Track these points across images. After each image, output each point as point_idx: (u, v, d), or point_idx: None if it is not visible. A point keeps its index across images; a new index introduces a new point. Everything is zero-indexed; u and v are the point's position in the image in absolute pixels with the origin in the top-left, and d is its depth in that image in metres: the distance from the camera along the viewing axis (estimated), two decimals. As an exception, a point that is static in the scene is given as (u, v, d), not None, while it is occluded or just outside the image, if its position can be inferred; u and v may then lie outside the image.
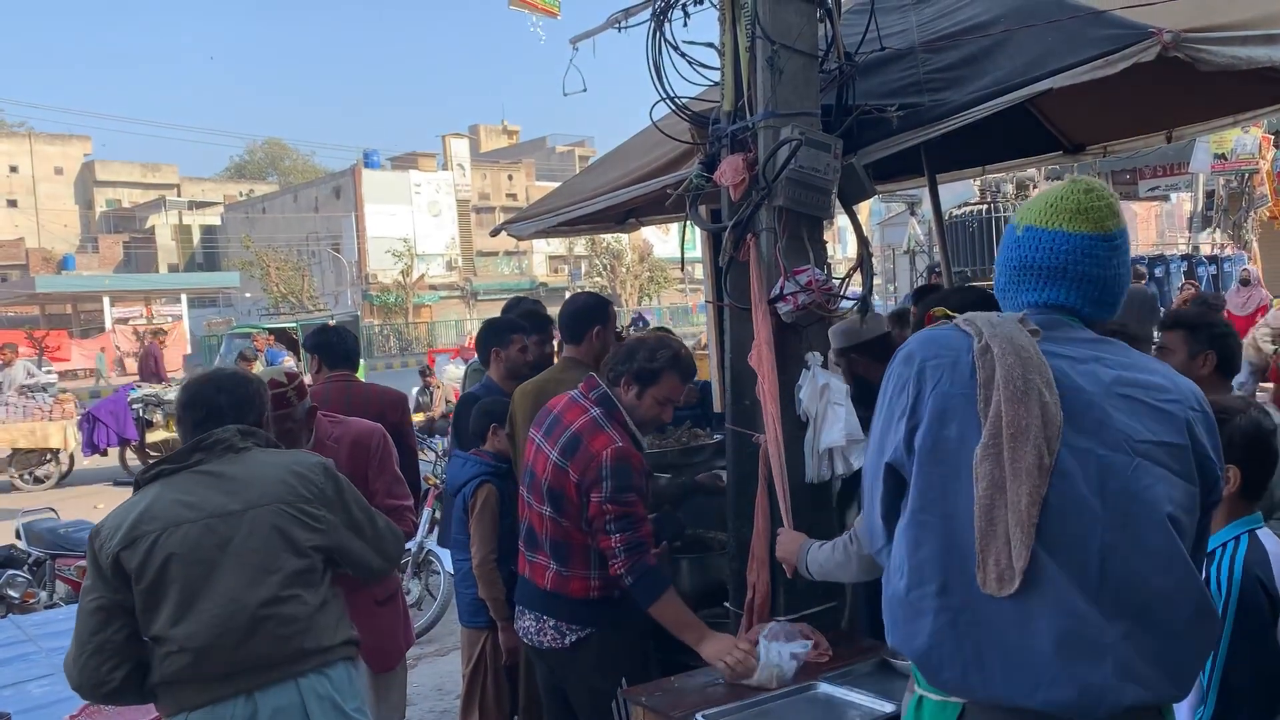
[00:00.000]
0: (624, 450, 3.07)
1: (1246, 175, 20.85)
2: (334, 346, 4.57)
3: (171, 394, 14.60)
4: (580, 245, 52.61)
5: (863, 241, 3.57)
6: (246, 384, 2.71)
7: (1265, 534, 2.36)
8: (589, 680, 3.14)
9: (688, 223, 3.71)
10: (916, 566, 1.74)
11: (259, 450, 2.59)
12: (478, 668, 4.18)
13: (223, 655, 2.40)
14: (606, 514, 3.01)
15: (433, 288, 51.15)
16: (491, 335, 4.59)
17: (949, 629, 1.69)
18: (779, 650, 2.84)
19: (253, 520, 2.45)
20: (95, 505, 11.01)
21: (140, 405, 14.06)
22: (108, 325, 40.01)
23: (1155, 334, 3.74)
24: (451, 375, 17.70)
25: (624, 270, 50.91)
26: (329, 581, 2.60)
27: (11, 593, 5.80)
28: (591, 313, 4.02)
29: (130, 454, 14.37)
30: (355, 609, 2.95)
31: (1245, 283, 12.67)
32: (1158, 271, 18.58)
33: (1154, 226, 36.14)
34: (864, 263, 3.52)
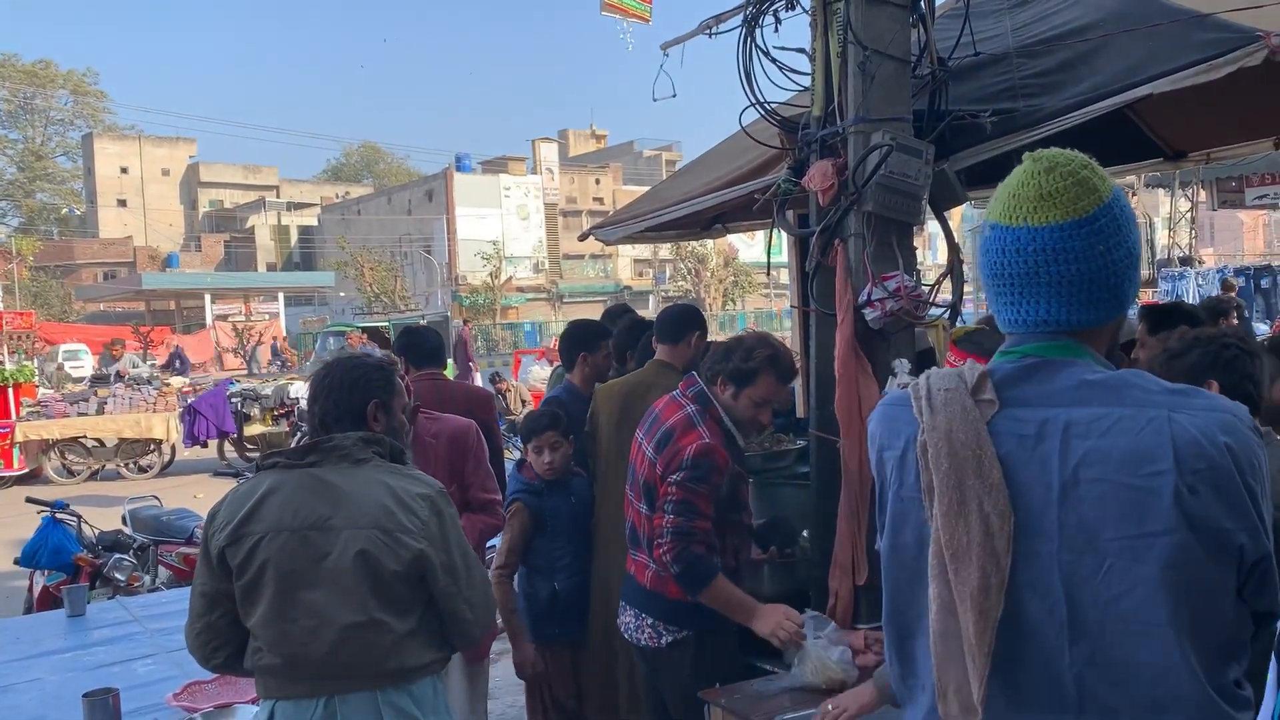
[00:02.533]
0: (709, 446, 3.07)
1: (1363, 183, 19.92)
2: (419, 346, 4.68)
3: (269, 389, 15.09)
4: (665, 249, 52.63)
5: (953, 248, 3.53)
6: (368, 381, 2.65)
7: None
8: (683, 682, 3.15)
9: (775, 228, 3.71)
10: (900, 659, 1.64)
11: (375, 464, 2.54)
12: (531, 684, 4.17)
13: (306, 664, 2.43)
14: (670, 495, 3.03)
15: (520, 290, 51.81)
16: (581, 339, 4.57)
17: None
18: (822, 650, 2.85)
19: (347, 540, 2.43)
20: (195, 495, 11.43)
21: (239, 399, 14.55)
22: (208, 321, 41.41)
23: None
24: (537, 376, 17.90)
25: (709, 274, 50.84)
26: (423, 608, 2.53)
27: (118, 576, 6.04)
28: (693, 319, 4.12)
29: (228, 446, 14.86)
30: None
31: None
32: (1264, 283, 17.86)
33: (1261, 235, 34.76)
34: (955, 269, 3.48)
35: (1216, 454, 1.37)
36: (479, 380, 18.09)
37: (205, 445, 14.75)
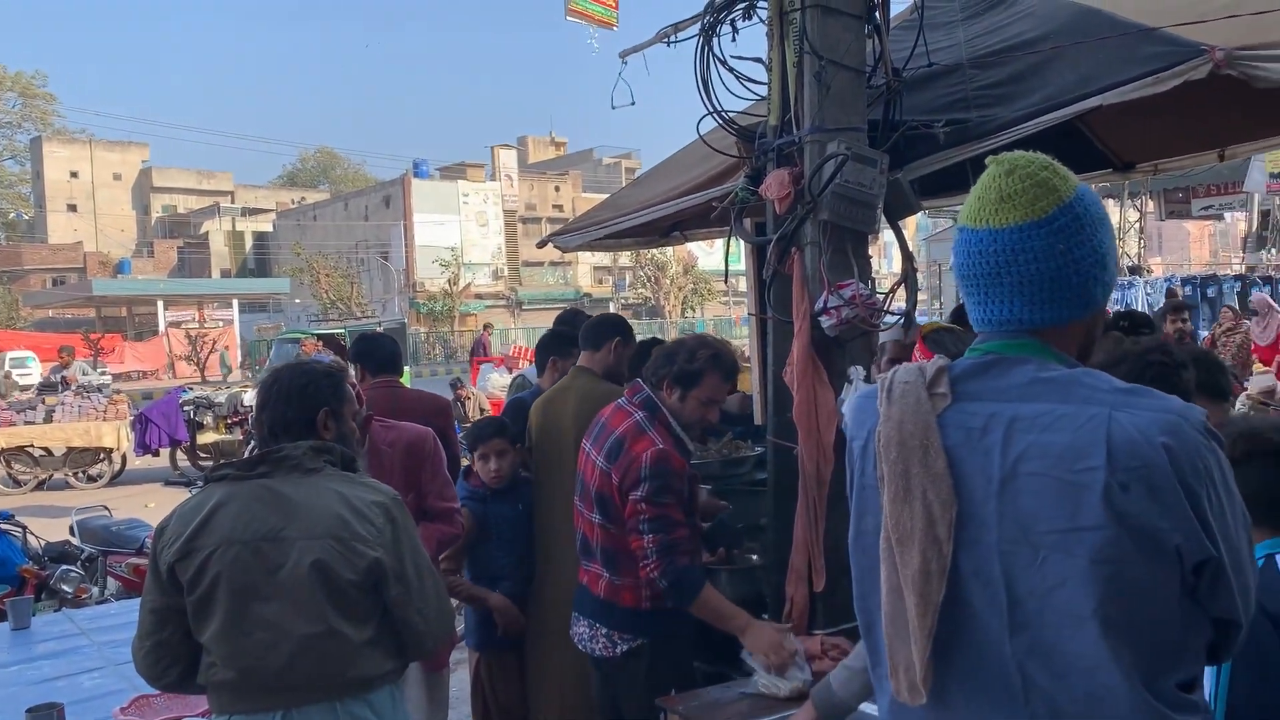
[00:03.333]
0: (664, 452, 3.08)
1: (1304, 195, 20.44)
2: (376, 353, 4.64)
3: (221, 397, 14.88)
4: (625, 256, 52.78)
5: (908, 257, 3.57)
6: (317, 388, 2.62)
7: None
8: (639, 690, 3.14)
9: (732, 236, 3.73)
10: (869, 647, 1.68)
11: (327, 473, 2.51)
12: (476, 689, 4.19)
13: (263, 677, 2.40)
14: (641, 514, 3.02)
15: (478, 296, 51.58)
16: (554, 344, 4.63)
17: (890, 717, 1.65)
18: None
19: (301, 551, 2.40)
20: (146, 504, 11.22)
21: (191, 407, 14.33)
22: (161, 328, 40.80)
23: None
24: (496, 384, 17.81)
25: (668, 282, 50.97)
26: (381, 617, 2.51)
27: (65, 588, 5.91)
28: (615, 326, 4.16)
29: (181, 455, 14.63)
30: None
31: (1257, 311, 12.10)
32: (1210, 291, 18.25)
33: (1207, 245, 35.51)
34: (908, 278, 3.52)
35: (1152, 453, 1.37)
36: (493, 381, 18.01)
37: (157, 454, 14.51)
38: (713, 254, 45.53)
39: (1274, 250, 23.33)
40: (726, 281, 15.69)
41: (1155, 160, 5.30)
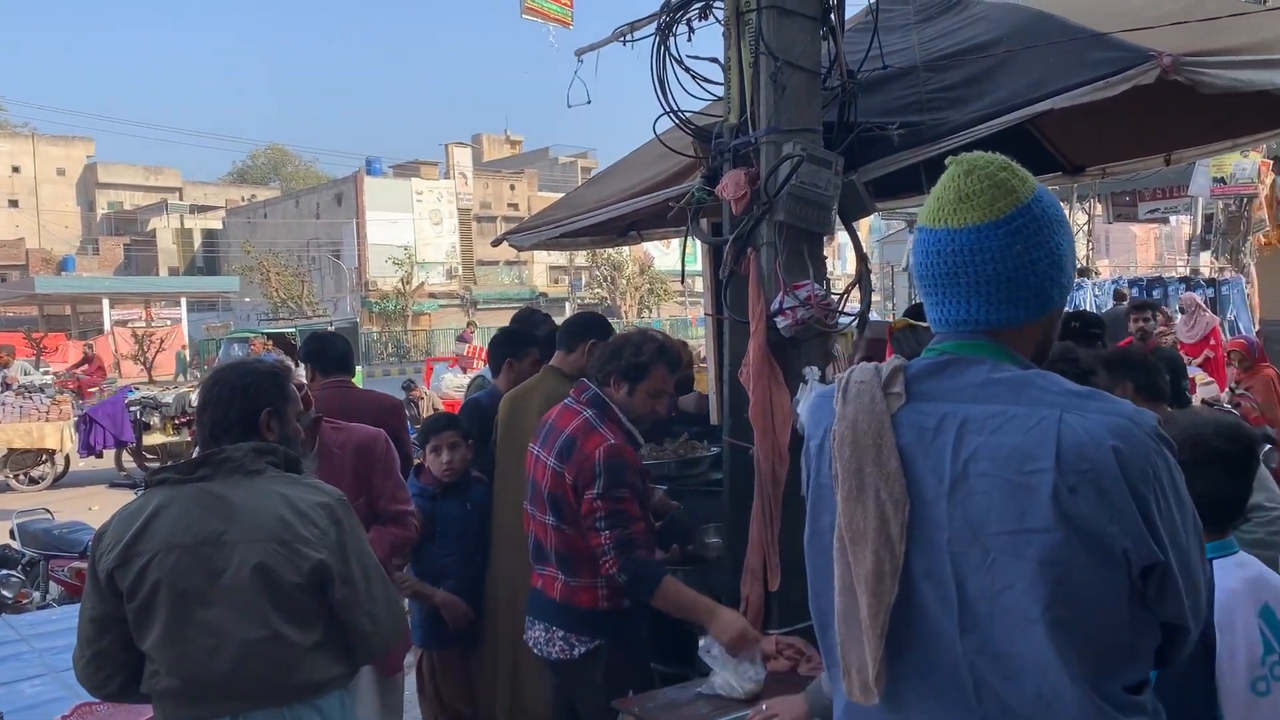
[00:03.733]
0: (617, 447, 3.08)
1: (1245, 200, 20.91)
2: (327, 353, 4.58)
3: (169, 397, 14.61)
4: (581, 256, 52.66)
5: (862, 258, 3.59)
6: (260, 388, 2.58)
7: (1233, 562, 2.10)
8: (597, 692, 3.13)
9: (689, 236, 3.73)
10: (823, 646, 1.68)
11: (270, 475, 2.47)
12: (421, 687, 4.18)
13: (207, 684, 2.36)
14: (597, 511, 3.02)
15: (432, 295, 51.20)
16: (508, 345, 4.60)
17: (845, 717, 1.65)
18: (735, 667, 2.85)
19: (244, 554, 2.35)
20: (90, 507, 11.01)
21: (138, 408, 14.05)
22: (106, 327, 40.02)
23: None
24: (450, 384, 17.68)
25: (624, 282, 50.96)
26: (328, 621, 2.47)
27: (5, 593, 5.77)
28: (593, 328, 4.09)
29: (126, 456, 14.34)
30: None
31: (1184, 310, 12.42)
32: (1155, 293, 18.61)
33: (1153, 248, 36.23)
34: (863, 279, 3.54)
35: (1101, 457, 1.37)
36: (447, 381, 17.88)
37: (101, 455, 14.20)
38: (669, 254, 45.54)
39: (1217, 253, 23.86)
40: (683, 282, 15.70)
41: (1104, 164, 5.40)
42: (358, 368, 14.00)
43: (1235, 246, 23.09)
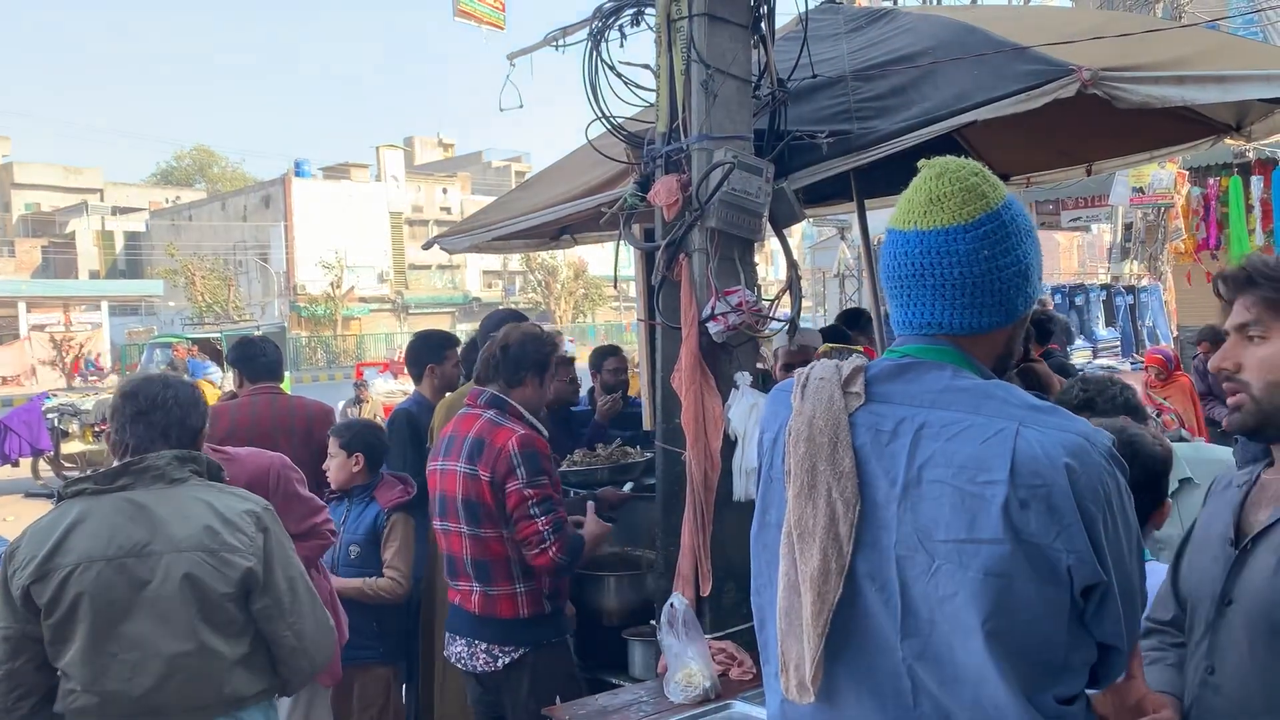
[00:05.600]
0: (528, 437, 3.15)
1: (1162, 209, 21.54)
2: (255, 359, 4.47)
3: (88, 404, 14.20)
4: (515, 261, 52.39)
5: (792, 264, 3.63)
6: (182, 400, 2.52)
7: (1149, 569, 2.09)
8: (524, 701, 3.13)
9: (621, 241, 3.74)
10: (761, 643, 1.67)
11: (193, 483, 2.42)
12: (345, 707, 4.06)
13: (127, 701, 2.29)
14: (528, 499, 3.07)
15: (363, 300, 50.50)
16: (426, 350, 4.53)
17: (780, 716, 1.64)
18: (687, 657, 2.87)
19: (169, 565, 2.30)
20: (5, 518, 10.66)
21: (55, 415, 13.64)
22: (23, 332, 38.81)
23: None
24: (380, 389, 17.45)
25: (559, 287, 50.84)
26: (254, 633, 2.43)
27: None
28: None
29: (44, 465, 13.91)
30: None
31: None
32: (1078, 300, 19.07)
33: (1075, 256, 37.18)
34: (793, 285, 3.57)
35: (1054, 474, 1.37)
36: (377, 387, 17.53)
37: (17, 464, 13.76)
38: (604, 259, 45.60)
39: (1136, 261, 24.55)
40: (616, 286, 15.65)
41: (1028, 174, 5.52)
42: (286, 374, 13.74)
43: (1153, 254, 23.79)
